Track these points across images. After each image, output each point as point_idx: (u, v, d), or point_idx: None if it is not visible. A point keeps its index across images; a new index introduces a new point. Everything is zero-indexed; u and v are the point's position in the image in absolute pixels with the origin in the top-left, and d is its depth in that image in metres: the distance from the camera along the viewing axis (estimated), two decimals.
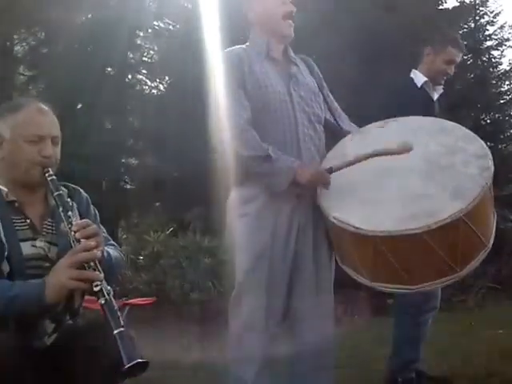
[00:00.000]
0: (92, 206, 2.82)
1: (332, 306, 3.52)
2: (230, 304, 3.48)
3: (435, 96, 4.68)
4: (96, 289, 2.28)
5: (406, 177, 3.15)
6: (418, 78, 4.64)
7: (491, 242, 3.12)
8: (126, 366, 2.10)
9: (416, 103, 4.21)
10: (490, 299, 9.21)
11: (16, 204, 2.54)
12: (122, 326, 2.20)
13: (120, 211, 12.03)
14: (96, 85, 12.09)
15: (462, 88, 13.08)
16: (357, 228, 2.97)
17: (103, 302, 2.25)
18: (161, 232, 9.25)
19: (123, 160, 13.81)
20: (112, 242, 2.81)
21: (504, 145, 15.29)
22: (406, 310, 4.40)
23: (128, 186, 14.16)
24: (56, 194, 2.52)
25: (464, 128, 3.33)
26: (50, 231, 2.61)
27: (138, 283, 8.59)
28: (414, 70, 4.72)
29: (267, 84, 3.38)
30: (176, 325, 7.93)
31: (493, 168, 3.01)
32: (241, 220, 3.43)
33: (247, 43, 3.60)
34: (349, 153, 3.37)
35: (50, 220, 2.63)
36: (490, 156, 3.06)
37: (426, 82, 4.61)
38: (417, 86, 4.62)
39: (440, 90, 4.71)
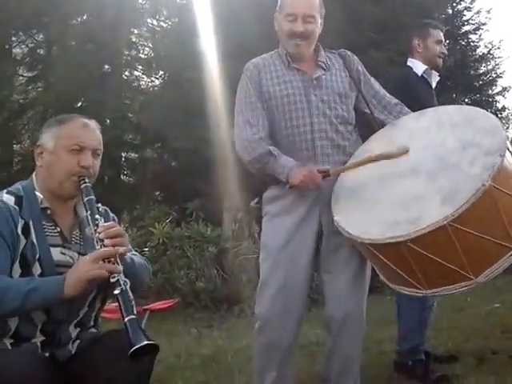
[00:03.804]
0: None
1: (364, 282, 3.43)
2: (256, 295, 3.43)
3: (433, 83, 4.51)
4: (113, 280, 2.23)
5: (411, 176, 2.98)
6: (417, 66, 4.47)
7: None
8: (134, 347, 2.04)
9: (419, 92, 4.03)
10: None
11: (48, 211, 2.49)
12: (134, 314, 2.15)
13: (123, 204, 11.88)
14: (94, 83, 11.99)
15: (443, 72, 12.98)
16: (349, 233, 2.93)
17: (118, 291, 2.20)
18: (164, 223, 9.09)
19: (123, 154, 13.66)
20: (135, 252, 2.71)
21: None
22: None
23: (129, 180, 14.09)
24: (87, 198, 2.47)
25: (495, 117, 3.02)
26: (78, 242, 2.57)
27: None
28: (410, 59, 4.54)
29: (283, 94, 3.36)
30: (183, 313, 7.82)
31: (499, 165, 2.66)
32: (264, 219, 3.46)
33: (278, 49, 3.55)
34: (372, 149, 3.29)
35: (78, 231, 2.58)
36: (503, 151, 2.70)
37: (426, 70, 4.44)
38: (417, 75, 4.44)
39: (436, 77, 4.53)
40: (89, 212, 2.44)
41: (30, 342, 2.36)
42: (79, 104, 12.77)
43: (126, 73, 14.82)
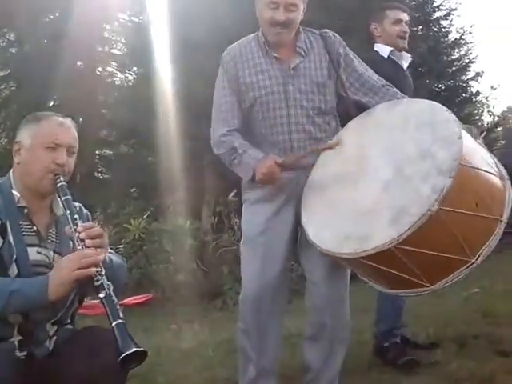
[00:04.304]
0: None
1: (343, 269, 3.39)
2: None
3: (404, 65, 4.49)
4: (97, 283, 2.25)
5: (370, 183, 2.95)
6: (383, 49, 4.44)
7: (478, 255, 2.75)
8: (124, 355, 2.02)
9: (387, 74, 3.95)
10: None
11: (25, 210, 2.52)
12: (121, 318, 2.15)
13: (97, 202, 11.82)
14: (67, 80, 11.87)
15: (416, 59, 13.01)
16: (309, 238, 3.01)
17: (103, 295, 2.21)
18: (141, 219, 9.02)
19: (97, 151, 13.59)
20: (111, 250, 2.72)
21: (457, 109, 15.26)
22: None
23: (104, 177, 14.04)
24: (64, 198, 2.49)
25: (455, 124, 2.84)
26: (54, 240, 2.59)
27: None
28: (376, 44, 4.52)
29: (260, 86, 3.32)
30: (163, 308, 7.75)
31: (447, 188, 2.59)
32: (243, 205, 3.50)
33: (258, 33, 3.48)
34: (345, 140, 3.27)
35: (54, 229, 2.61)
36: (453, 172, 2.61)
37: (392, 51, 4.41)
38: (384, 58, 4.41)
39: (408, 58, 4.51)
40: (68, 212, 2.45)
41: (8, 341, 2.36)
42: (52, 102, 12.71)
43: (100, 69, 14.76)
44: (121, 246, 8.63)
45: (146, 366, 4.48)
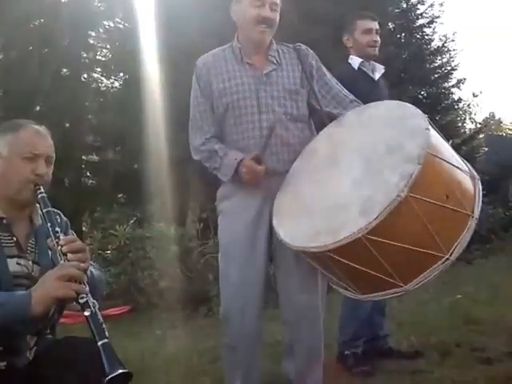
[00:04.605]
0: (71, 230, 2.73)
1: (316, 281, 3.36)
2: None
3: (376, 76, 4.58)
4: (82, 301, 2.17)
5: (343, 182, 2.92)
6: (354, 61, 4.54)
7: (452, 250, 2.67)
8: (109, 377, 1.96)
9: (356, 85, 3.96)
10: None
11: (4, 221, 2.45)
12: (107, 338, 2.08)
13: (84, 207, 11.76)
14: (52, 86, 11.84)
15: (399, 65, 13.11)
16: (281, 238, 2.96)
17: (88, 313, 2.14)
18: (126, 225, 8.99)
19: (84, 157, 13.57)
20: (91, 263, 2.65)
21: (440, 116, 15.39)
22: None
23: (90, 182, 14.00)
24: (45, 210, 2.43)
25: (422, 118, 2.84)
26: (34, 251, 2.52)
27: (107, 276, 8.32)
28: (350, 56, 4.60)
29: (233, 91, 3.33)
30: (149, 315, 7.72)
31: (416, 174, 2.54)
32: (219, 217, 3.48)
33: (232, 42, 3.50)
34: (318, 147, 3.28)
35: (33, 240, 2.54)
36: (422, 159, 2.57)
37: (362, 63, 4.51)
38: (354, 69, 4.50)
39: (381, 69, 4.60)
40: (49, 224, 2.39)
41: None
42: (38, 108, 12.65)
43: (85, 75, 14.68)
44: (108, 251, 8.60)
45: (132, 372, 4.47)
